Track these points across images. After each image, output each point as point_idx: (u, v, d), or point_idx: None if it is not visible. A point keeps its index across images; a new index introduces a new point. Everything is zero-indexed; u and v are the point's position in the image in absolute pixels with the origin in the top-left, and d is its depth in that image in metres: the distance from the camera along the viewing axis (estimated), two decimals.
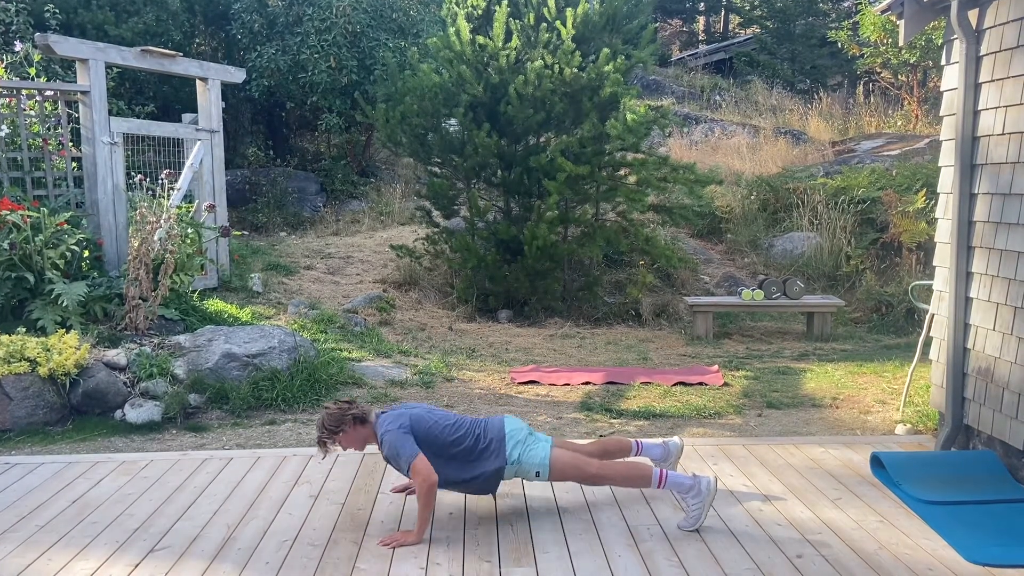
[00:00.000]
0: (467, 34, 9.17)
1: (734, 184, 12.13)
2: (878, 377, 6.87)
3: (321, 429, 3.80)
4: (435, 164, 9.82)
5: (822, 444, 4.97)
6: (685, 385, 6.70)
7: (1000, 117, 4.29)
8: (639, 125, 8.68)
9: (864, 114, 17.13)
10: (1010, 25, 4.20)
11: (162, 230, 6.79)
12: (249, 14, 12.44)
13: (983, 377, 4.46)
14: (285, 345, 6.45)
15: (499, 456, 3.79)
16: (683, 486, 3.80)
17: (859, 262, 10.12)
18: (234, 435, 5.56)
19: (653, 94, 18.80)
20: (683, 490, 3.81)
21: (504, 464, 3.79)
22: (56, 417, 5.68)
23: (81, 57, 7.29)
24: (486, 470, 3.78)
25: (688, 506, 3.79)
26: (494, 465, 3.78)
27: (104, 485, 4.41)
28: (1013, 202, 4.20)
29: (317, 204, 12.83)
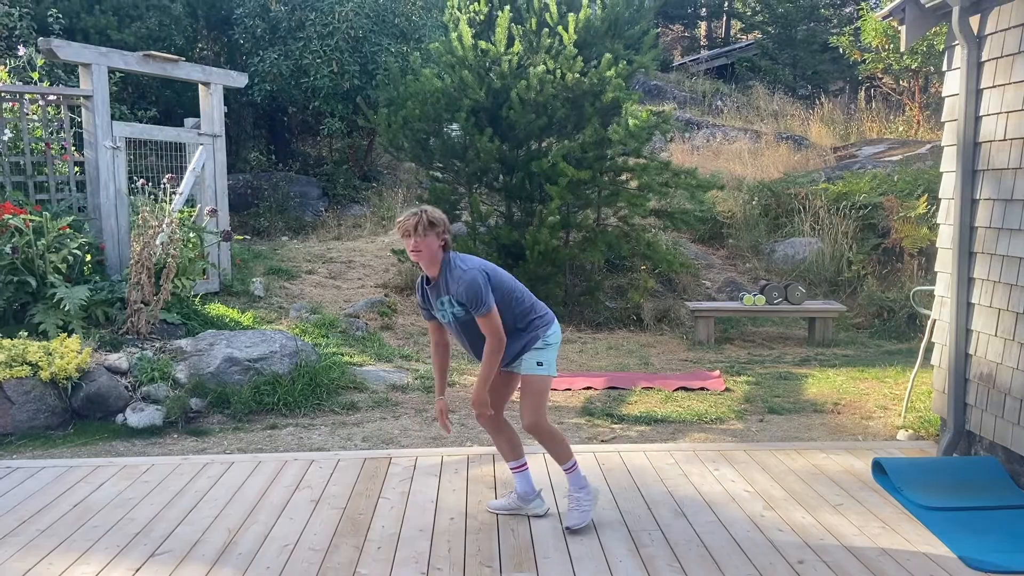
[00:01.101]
0: (469, 39, 9.18)
1: (736, 189, 12.13)
2: (880, 383, 6.86)
3: (422, 216, 3.58)
4: (437, 169, 9.84)
5: (824, 449, 4.97)
6: (687, 390, 6.70)
7: (1002, 123, 4.30)
8: (641, 130, 8.69)
9: (866, 119, 17.15)
10: (1012, 31, 4.20)
11: (164, 234, 6.79)
12: (252, 19, 12.47)
13: (985, 383, 4.45)
14: (286, 349, 6.45)
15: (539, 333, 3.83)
16: (582, 481, 3.94)
17: (861, 267, 10.12)
18: (235, 439, 5.56)
19: (655, 99, 18.81)
20: (581, 485, 3.92)
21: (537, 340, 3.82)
22: (57, 421, 5.68)
23: (84, 62, 7.30)
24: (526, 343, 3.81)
25: (580, 503, 3.88)
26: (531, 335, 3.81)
27: (105, 489, 4.41)
28: (1015, 208, 4.20)
29: (319, 208, 12.84)
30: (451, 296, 3.66)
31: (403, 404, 6.35)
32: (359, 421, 5.94)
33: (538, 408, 3.82)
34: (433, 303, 3.77)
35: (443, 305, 3.72)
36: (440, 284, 3.69)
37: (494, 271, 3.76)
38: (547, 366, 3.84)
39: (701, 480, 4.45)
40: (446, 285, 3.67)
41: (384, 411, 6.18)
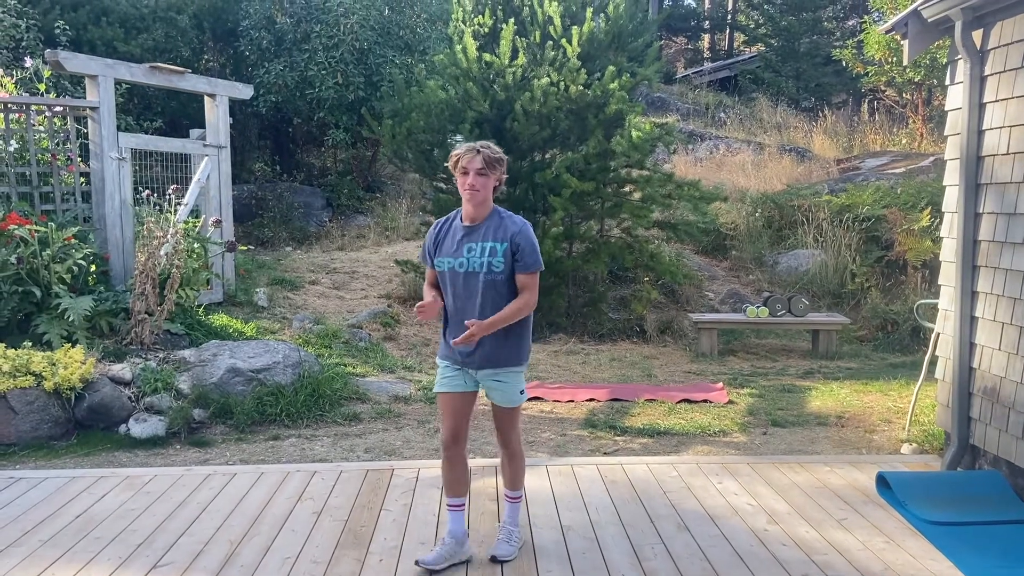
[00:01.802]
0: (473, 51, 9.22)
1: (739, 201, 12.14)
2: (884, 396, 6.85)
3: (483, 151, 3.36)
4: (441, 180, 9.86)
5: (828, 463, 4.95)
6: (689, 402, 6.69)
7: (1005, 137, 4.30)
8: (644, 142, 8.71)
9: (869, 132, 17.17)
10: (1015, 46, 4.22)
11: (168, 245, 6.82)
12: (257, 31, 12.53)
13: (989, 397, 4.44)
14: (289, 360, 6.46)
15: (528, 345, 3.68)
16: (518, 519, 3.78)
17: (864, 280, 10.11)
18: (238, 450, 5.56)
19: (658, 111, 18.86)
20: (516, 522, 3.75)
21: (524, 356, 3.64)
22: (60, 431, 5.68)
23: (91, 73, 7.34)
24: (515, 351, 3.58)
25: (511, 536, 3.70)
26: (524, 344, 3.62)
27: (107, 500, 4.41)
28: (1018, 222, 4.20)
29: (323, 219, 12.87)
30: (496, 242, 3.40)
31: (406, 415, 6.35)
32: (361, 432, 5.94)
33: (517, 423, 3.71)
34: (458, 248, 3.46)
35: (476, 254, 3.42)
36: (482, 228, 3.44)
37: None
38: (524, 391, 3.65)
39: (704, 493, 4.44)
40: (493, 230, 3.42)
41: (386, 422, 6.18)
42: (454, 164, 3.41)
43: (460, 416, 3.61)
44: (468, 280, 3.45)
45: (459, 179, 3.40)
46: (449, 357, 3.61)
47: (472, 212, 3.45)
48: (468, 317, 3.43)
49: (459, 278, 3.46)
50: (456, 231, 3.50)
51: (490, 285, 3.42)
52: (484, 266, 3.41)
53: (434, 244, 3.55)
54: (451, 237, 3.50)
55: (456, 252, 3.46)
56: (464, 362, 3.55)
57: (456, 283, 3.48)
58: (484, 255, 3.42)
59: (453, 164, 3.41)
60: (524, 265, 3.43)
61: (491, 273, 3.42)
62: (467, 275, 3.45)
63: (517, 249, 3.42)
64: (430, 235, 3.58)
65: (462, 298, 3.48)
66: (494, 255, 3.41)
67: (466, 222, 3.48)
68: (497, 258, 3.40)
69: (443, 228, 3.54)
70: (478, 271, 3.42)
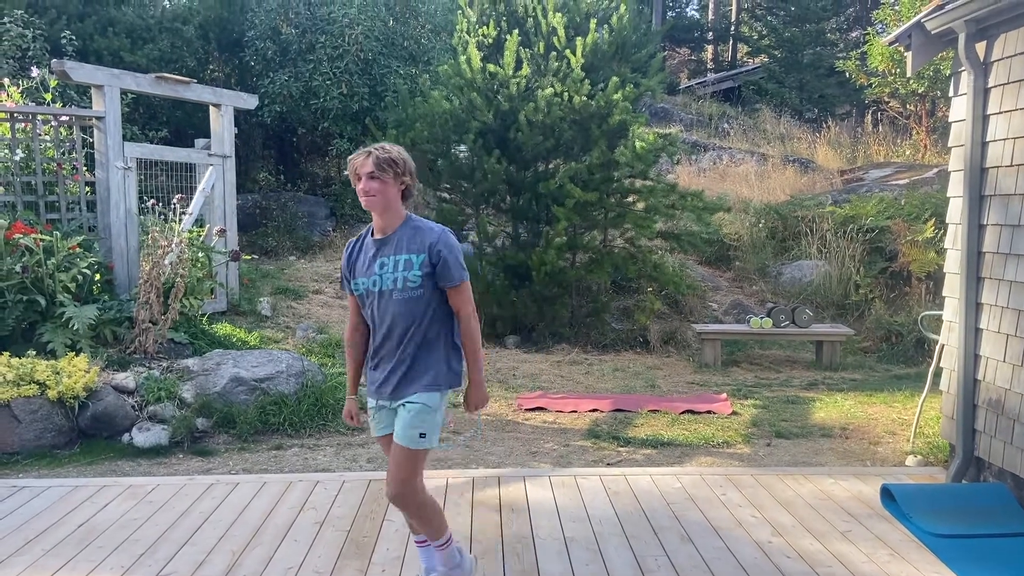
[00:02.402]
0: (478, 62, 9.26)
1: (742, 211, 12.14)
2: (888, 407, 6.83)
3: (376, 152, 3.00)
4: (444, 190, 9.88)
5: (832, 475, 4.94)
6: (693, 413, 6.67)
7: (1008, 149, 4.30)
8: (647, 152, 8.73)
9: (872, 143, 17.17)
10: (1018, 58, 4.22)
11: (173, 254, 6.83)
12: (263, 41, 12.60)
13: (994, 409, 4.43)
14: (293, 369, 6.46)
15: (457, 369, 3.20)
16: (454, 560, 3.35)
17: (868, 291, 10.10)
18: (240, 460, 5.56)
19: (661, 121, 18.90)
20: (452, 564, 3.34)
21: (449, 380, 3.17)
22: (64, 440, 5.69)
23: (97, 83, 7.38)
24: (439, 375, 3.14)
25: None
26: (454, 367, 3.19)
27: (110, 509, 4.40)
28: (1022, 233, 4.20)
29: (327, 228, 12.89)
30: (411, 254, 3.01)
31: None
32: (364, 442, 5.94)
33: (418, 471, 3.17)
34: (370, 265, 3.07)
35: (389, 269, 3.03)
36: (393, 240, 3.05)
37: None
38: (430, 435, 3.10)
39: (708, 505, 4.43)
40: (405, 242, 3.03)
41: None
42: (351, 171, 3.04)
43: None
44: (383, 301, 3.05)
45: (353, 182, 3.03)
46: (372, 394, 3.22)
47: (380, 223, 3.08)
48: (388, 343, 3.07)
49: (375, 299, 3.06)
50: (368, 247, 3.12)
51: (406, 304, 3.02)
52: (398, 283, 3.02)
53: (348, 266, 3.17)
54: (364, 255, 3.11)
55: (368, 270, 3.07)
56: (378, 394, 3.17)
57: (373, 306, 3.08)
58: (397, 270, 3.02)
59: (350, 171, 3.05)
60: (448, 279, 3.05)
61: (406, 290, 3.01)
62: (381, 294, 3.05)
63: (438, 260, 3.02)
64: (344, 257, 3.20)
65: (380, 318, 3.07)
66: (409, 268, 3.01)
67: (377, 235, 3.10)
68: (413, 271, 3.00)
69: (355, 247, 3.17)
70: (390, 288, 3.03)
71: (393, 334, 3.06)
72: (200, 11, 13.09)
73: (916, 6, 14.40)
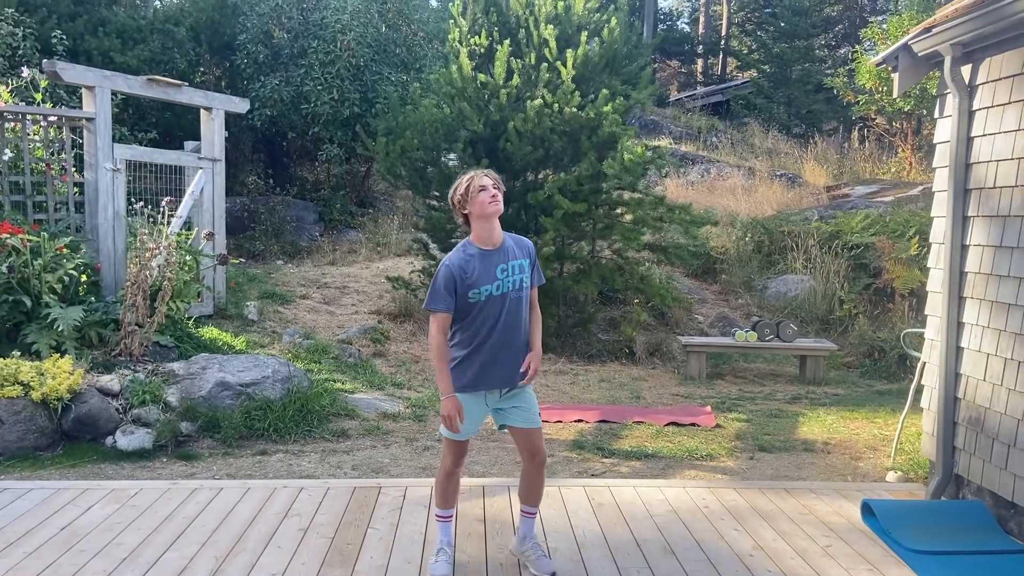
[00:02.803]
0: (469, 71, 9.30)
1: (729, 225, 12.24)
2: (870, 423, 6.89)
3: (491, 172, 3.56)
4: (434, 197, 9.91)
5: (814, 490, 4.98)
6: (678, 425, 6.71)
7: (992, 171, 4.37)
8: (636, 165, 8.79)
9: (859, 160, 17.35)
10: (1003, 81, 4.30)
11: (161, 257, 6.82)
12: (255, 45, 12.60)
13: (973, 427, 4.48)
14: (279, 375, 6.45)
15: None
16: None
17: (852, 306, 10.19)
18: (225, 465, 5.54)
19: (651, 133, 19.01)
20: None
21: None
22: (47, 442, 5.65)
23: (88, 84, 7.36)
24: None
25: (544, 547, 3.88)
26: None
27: (93, 513, 4.38)
28: (1004, 254, 4.27)
29: (315, 233, 12.89)
30: (523, 259, 3.54)
31: (394, 432, 6.35)
32: (349, 449, 5.94)
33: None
34: (491, 272, 3.48)
35: (509, 273, 3.49)
36: (504, 248, 3.53)
37: None
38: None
39: (691, 517, 4.46)
40: (515, 248, 3.56)
41: (375, 439, 6.18)
42: (466, 189, 3.47)
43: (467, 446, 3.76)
44: (504, 302, 3.50)
45: (478, 198, 3.44)
46: (483, 386, 3.59)
47: (491, 234, 3.51)
48: (510, 340, 3.52)
49: (497, 302, 3.49)
50: (479, 258, 3.50)
51: (520, 303, 3.54)
52: (518, 284, 3.51)
53: (466, 279, 3.47)
54: (478, 265, 3.48)
55: (491, 277, 3.47)
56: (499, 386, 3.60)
57: (494, 308, 3.49)
58: (515, 273, 3.51)
59: (464, 190, 3.48)
60: (540, 278, 3.68)
61: (522, 290, 3.54)
62: (503, 297, 3.49)
63: (534, 264, 3.61)
64: (453, 275, 3.46)
65: (504, 323, 3.51)
66: (523, 272, 3.54)
67: (487, 247, 3.52)
68: (526, 274, 3.55)
69: (466, 262, 3.49)
70: (511, 290, 3.50)
71: (513, 330, 3.53)
72: (192, 13, 13.09)
73: (904, 27, 14.58)
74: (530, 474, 3.77)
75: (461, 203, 3.50)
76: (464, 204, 3.49)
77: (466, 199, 3.48)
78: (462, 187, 3.49)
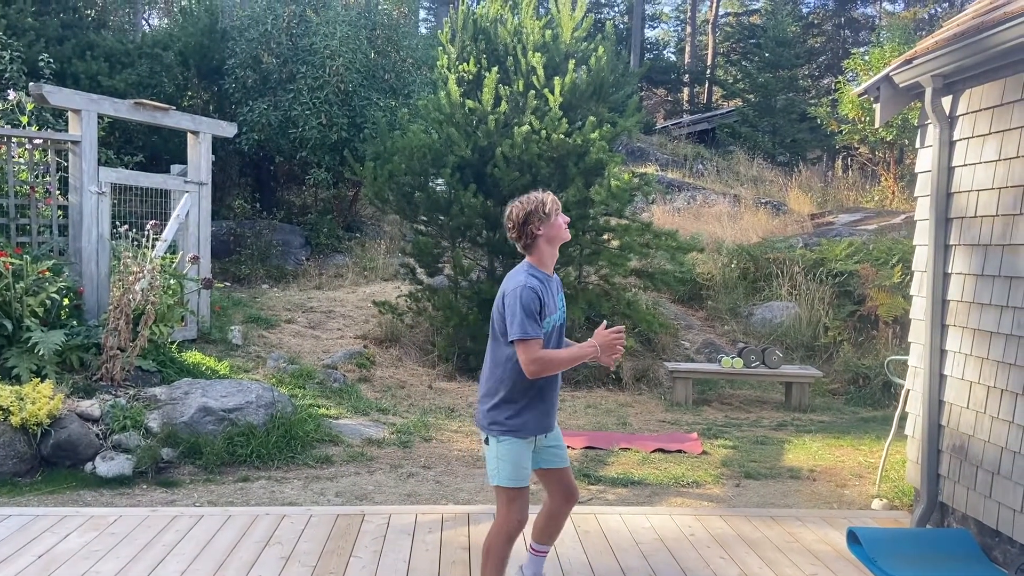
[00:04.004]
0: (457, 97, 9.36)
1: (715, 252, 12.30)
2: (855, 450, 6.90)
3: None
4: (421, 222, 9.92)
5: (799, 517, 4.97)
6: (664, 452, 6.69)
7: (973, 200, 4.43)
8: (623, 191, 8.84)
9: (842, 188, 17.54)
10: (982, 112, 4.36)
11: (144, 280, 6.77)
12: (243, 69, 12.64)
13: (957, 455, 4.50)
14: (262, 400, 6.40)
15: None
16: None
17: (837, 333, 10.24)
18: (206, 491, 5.47)
19: (637, 160, 19.16)
20: None
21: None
22: (25, 468, 5.56)
23: (74, 108, 7.35)
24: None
25: None
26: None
27: (71, 540, 4.31)
28: (985, 283, 4.30)
29: (301, 257, 12.85)
30: (561, 293, 3.43)
31: (378, 459, 6.29)
32: (333, 475, 5.88)
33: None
34: (554, 301, 3.30)
35: (560, 304, 3.37)
36: (555, 279, 3.39)
37: None
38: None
39: (677, 545, 4.43)
40: (560, 282, 3.45)
41: (359, 466, 6.12)
42: (550, 208, 3.26)
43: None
44: (556, 334, 3.33)
45: (558, 220, 3.27)
46: (542, 429, 3.35)
47: (552, 261, 3.35)
48: (558, 378, 3.39)
49: (556, 334, 3.32)
50: (547, 285, 3.28)
51: (562, 337, 3.39)
52: (565, 317, 3.40)
53: (542, 304, 3.21)
54: (550, 293, 3.29)
55: (555, 306, 3.32)
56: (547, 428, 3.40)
57: (552, 340, 3.30)
58: (563, 305, 3.40)
59: (549, 208, 3.25)
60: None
61: (564, 324, 3.40)
62: (560, 329, 3.35)
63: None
64: (539, 297, 3.19)
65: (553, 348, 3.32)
66: (564, 305, 3.42)
67: (548, 273, 3.34)
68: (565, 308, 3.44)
69: (541, 289, 3.22)
70: (563, 322, 3.38)
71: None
72: (181, 38, 13.13)
73: (886, 58, 14.82)
74: (562, 515, 3.56)
75: (538, 221, 3.23)
76: (540, 223, 3.23)
77: (546, 218, 3.24)
78: (547, 204, 3.24)
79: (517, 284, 3.17)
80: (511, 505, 3.30)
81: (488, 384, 3.31)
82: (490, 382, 3.30)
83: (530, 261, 3.30)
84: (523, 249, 3.31)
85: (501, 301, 3.24)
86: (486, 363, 3.35)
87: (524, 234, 3.25)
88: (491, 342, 3.33)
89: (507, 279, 3.28)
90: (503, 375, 3.25)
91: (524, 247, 3.30)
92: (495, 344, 3.30)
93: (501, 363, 3.26)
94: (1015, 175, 4.08)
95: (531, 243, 3.27)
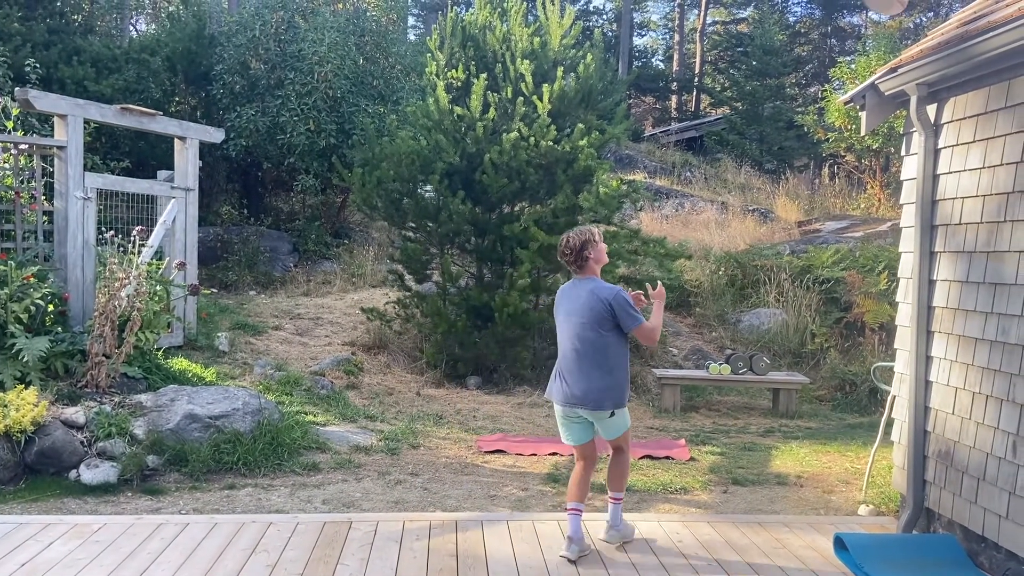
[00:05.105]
0: (446, 104, 9.36)
1: (703, 259, 12.34)
2: (842, 456, 6.92)
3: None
4: (409, 229, 9.91)
5: (787, 524, 4.98)
6: (652, 459, 6.70)
7: (957, 207, 4.46)
8: (611, 198, 8.86)
9: (829, 195, 17.64)
10: (967, 121, 4.40)
11: (130, 287, 6.73)
12: (231, 75, 12.61)
13: (943, 461, 4.52)
14: (249, 407, 6.36)
15: None
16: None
17: (824, 340, 10.28)
18: (191, 499, 5.43)
19: (626, 167, 19.21)
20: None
21: None
22: (9, 475, 5.51)
23: (60, 113, 7.31)
24: None
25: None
26: None
27: (55, 549, 4.27)
28: (970, 290, 4.33)
29: (288, 264, 12.81)
30: None
31: (366, 466, 6.27)
32: (320, 483, 5.85)
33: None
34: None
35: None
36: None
37: None
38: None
39: (664, 553, 4.43)
40: None
41: (346, 473, 6.09)
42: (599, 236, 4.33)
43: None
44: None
45: (603, 246, 4.33)
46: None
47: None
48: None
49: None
50: None
51: None
52: None
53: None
54: None
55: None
56: None
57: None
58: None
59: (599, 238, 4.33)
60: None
61: None
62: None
63: None
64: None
65: None
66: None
67: None
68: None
69: None
70: None
71: None
72: (168, 43, 13.09)
73: (872, 67, 14.93)
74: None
75: (591, 248, 4.23)
76: (591, 249, 4.24)
77: (595, 244, 4.26)
78: (596, 235, 4.28)
79: (613, 290, 4.20)
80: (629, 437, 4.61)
81: (600, 370, 4.21)
82: (602, 368, 4.20)
83: (592, 276, 4.31)
84: (576, 270, 4.30)
85: (601, 303, 4.17)
86: (584, 355, 4.22)
87: (580, 258, 4.25)
88: (589, 336, 4.20)
89: (596, 288, 4.21)
90: (615, 360, 4.24)
91: (578, 268, 4.29)
92: (596, 335, 4.18)
93: (607, 349, 4.21)
94: (999, 183, 4.12)
95: (584, 264, 4.27)
